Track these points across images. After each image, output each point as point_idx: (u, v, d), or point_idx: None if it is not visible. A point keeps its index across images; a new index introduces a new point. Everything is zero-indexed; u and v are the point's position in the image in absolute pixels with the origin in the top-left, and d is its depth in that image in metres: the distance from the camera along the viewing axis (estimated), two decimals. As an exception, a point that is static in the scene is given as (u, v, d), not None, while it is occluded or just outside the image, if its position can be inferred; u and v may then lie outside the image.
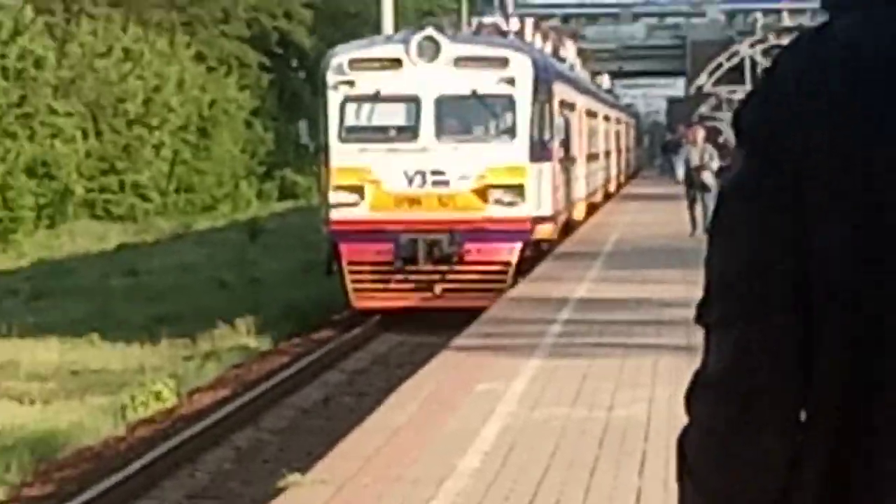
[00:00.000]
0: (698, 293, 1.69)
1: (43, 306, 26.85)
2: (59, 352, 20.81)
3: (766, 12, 75.19)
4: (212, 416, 15.83)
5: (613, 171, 46.17)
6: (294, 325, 22.32)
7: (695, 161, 27.93)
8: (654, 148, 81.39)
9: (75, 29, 50.75)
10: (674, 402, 9.96)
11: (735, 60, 66.38)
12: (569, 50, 38.23)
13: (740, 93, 50.11)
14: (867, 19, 1.70)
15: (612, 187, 45.14)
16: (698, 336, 1.70)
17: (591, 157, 34.53)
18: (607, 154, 42.56)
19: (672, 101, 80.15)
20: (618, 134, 49.84)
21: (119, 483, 12.94)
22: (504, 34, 29.56)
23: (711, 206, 11.34)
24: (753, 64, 62.60)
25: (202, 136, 54.46)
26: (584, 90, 35.43)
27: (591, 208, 34.75)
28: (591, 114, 35.44)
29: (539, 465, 9.29)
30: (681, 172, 32.17)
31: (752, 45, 66.20)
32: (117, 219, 48.77)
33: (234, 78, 58.73)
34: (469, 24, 34.57)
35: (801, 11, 69.58)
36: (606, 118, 40.46)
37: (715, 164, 27.58)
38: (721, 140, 34.31)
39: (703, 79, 67.37)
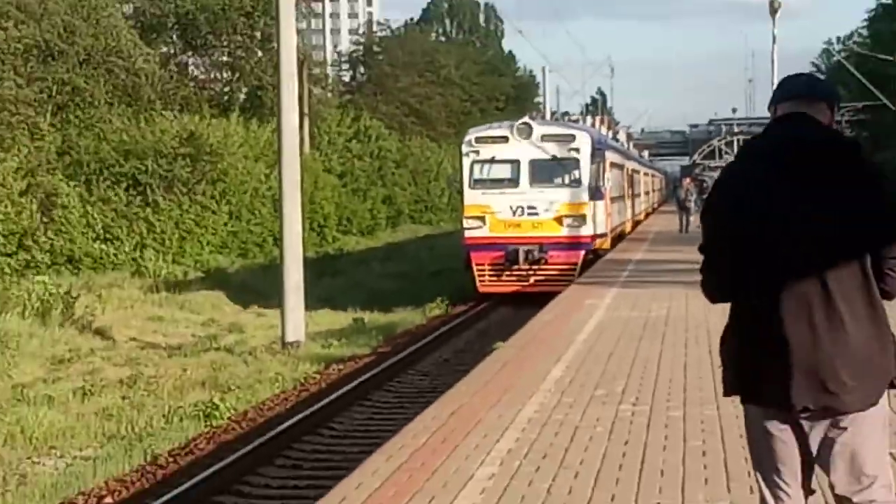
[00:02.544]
0: (692, 255, 5.82)
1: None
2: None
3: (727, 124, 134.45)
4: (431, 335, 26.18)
5: (651, 202, 70.72)
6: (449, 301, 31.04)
7: (681, 196, 48.45)
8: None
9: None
10: (681, 308, 19.10)
11: (711, 148, 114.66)
12: (622, 136, 58.75)
13: (714, 164, 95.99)
14: (742, 165, 5.31)
15: (650, 210, 69.59)
16: (694, 276, 5.27)
17: (636, 195, 50.01)
18: (647, 193, 64.84)
19: (682, 166, 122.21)
20: (652, 182, 74.61)
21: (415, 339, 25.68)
22: (575, 121, 49.23)
23: (689, 218, 43.47)
24: (720, 150, 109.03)
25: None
26: (630, 157, 51.61)
27: (637, 223, 50.72)
28: (636, 171, 52.16)
29: (616, 338, 16.38)
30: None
31: (719, 141, 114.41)
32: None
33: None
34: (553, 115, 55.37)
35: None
36: (645, 174, 60.64)
37: (693, 197, 47.05)
38: (704, 186, 54.01)
39: (696, 157, 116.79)
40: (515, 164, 27.68)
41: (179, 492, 12.75)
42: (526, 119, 29.56)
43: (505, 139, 28.00)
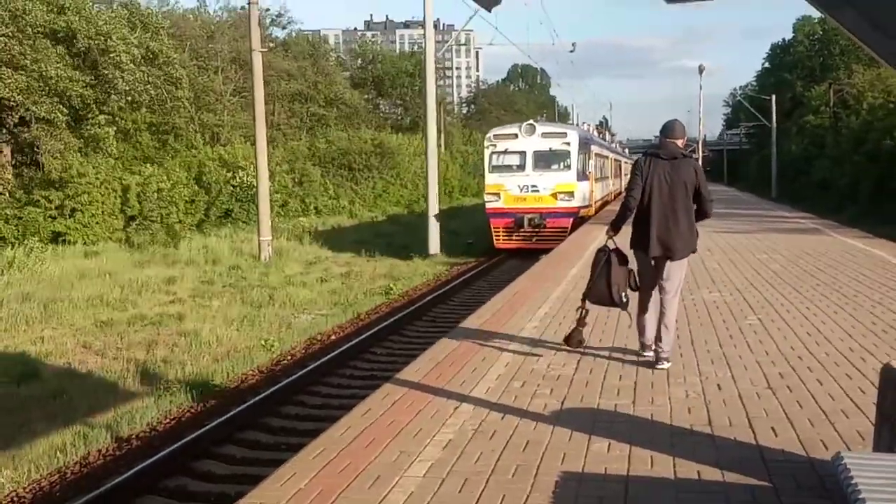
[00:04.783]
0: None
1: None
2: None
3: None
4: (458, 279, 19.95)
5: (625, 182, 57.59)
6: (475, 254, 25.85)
7: None
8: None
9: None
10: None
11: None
12: (607, 135, 48.13)
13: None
14: (647, 156, 6.78)
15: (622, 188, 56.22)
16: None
17: (616, 177, 41.52)
18: (626, 175, 51.27)
19: None
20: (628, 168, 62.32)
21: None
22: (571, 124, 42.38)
23: None
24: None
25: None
26: (614, 151, 42.42)
27: (619, 193, 40.34)
28: (617, 160, 43.28)
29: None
30: None
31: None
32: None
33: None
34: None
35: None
36: (626, 162, 48.20)
37: None
38: None
39: None
40: (523, 154, 23.53)
41: (371, 333, 13.43)
42: (531, 121, 25.06)
43: (515, 136, 23.81)
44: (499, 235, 23.47)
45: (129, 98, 30.64)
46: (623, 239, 6.83)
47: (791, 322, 8.54)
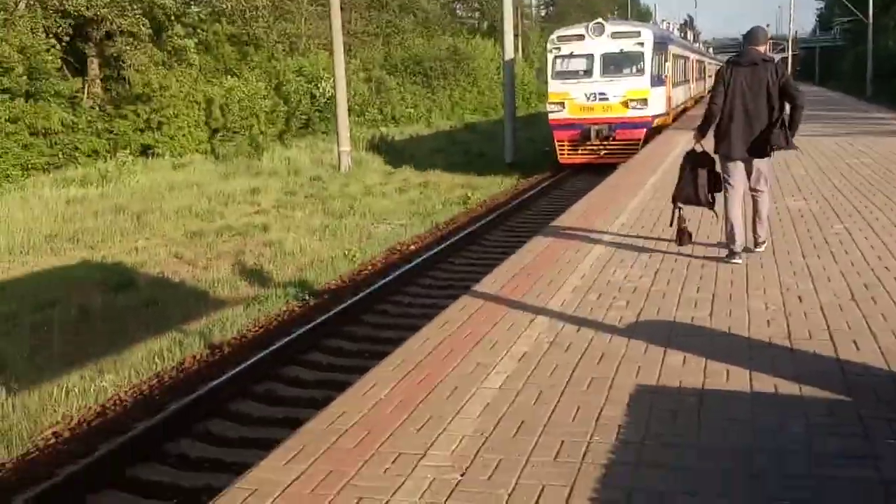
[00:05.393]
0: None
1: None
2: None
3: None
4: (535, 188, 19.38)
5: (712, 82, 51.68)
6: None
7: None
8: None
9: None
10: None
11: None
12: (689, 35, 42.82)
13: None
14: (728, 63, 7.06)
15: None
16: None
17: (699, 79, 37.69)
18: (710, 77, 44.96)
19: None
20: (715, 70, 55.40)
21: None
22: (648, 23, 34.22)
23: None
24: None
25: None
26: (695, 51, 37.38)
27: (701, 97, 37.19)
28: (700, 62, 38.90)
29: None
30: None
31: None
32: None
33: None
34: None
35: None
36: (709, 64, 44.14)
37: None
38: None
39: None
40: (590, 57, 20.84)
41: (449, 243, 13.58)
42: (599, 20, 21.95)
43: (581, 37, 21.02)
44: (563, 149, 21.31)
45: (210, 8, 30.78)
46: (709, 143, 7.17)
47: (880, 231, 8.25)
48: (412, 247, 13.80)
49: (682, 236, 7.56)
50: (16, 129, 22.33)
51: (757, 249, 7.41)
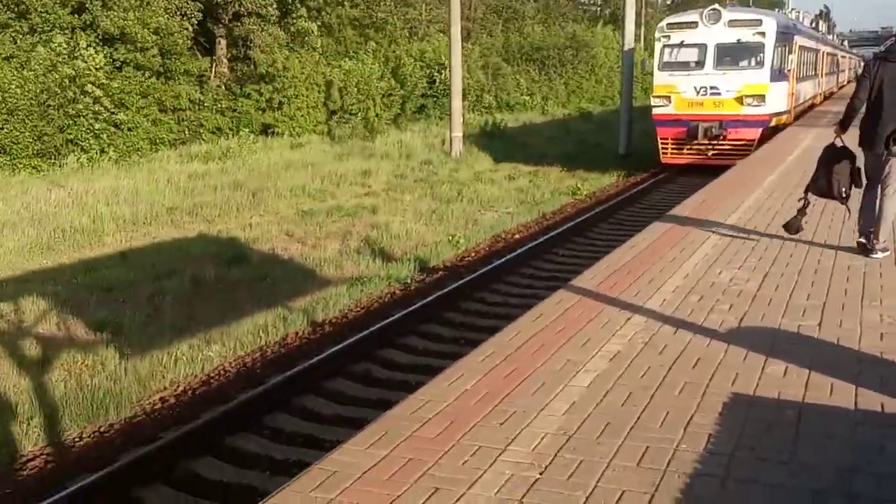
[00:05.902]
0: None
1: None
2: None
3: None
4: (647, 181, 19.11)
5: (849, 75, 48.37)
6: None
7: None
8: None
9: None
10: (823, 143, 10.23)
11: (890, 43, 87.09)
12: (822, 26, 37.35)
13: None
14: (876, 59, 7.07)
15: (850, 79, 46.75)
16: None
17: (830, 74, 34.49)
18: (843, 71, 44.90)
19: (874, 53, 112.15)
20: (849, 62, 52.21)
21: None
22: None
23: None
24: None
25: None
26: (827, 43, 33.49)
27: (832, 92, 35.30)
28: (832, 55, 35.29)
29: (813, 156, 9.37)
30: None
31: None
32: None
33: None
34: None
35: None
36: (842, 57, 42.36)
37: None
38: None
39: (881, 48, 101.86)
40: (703, 47, 18.86)
41: (555, 233, 13.45)
42: (716, 6, 19.56)
43: (694, 24, 19.03)
44: (666, 148, 19.45)
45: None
46: (848, 138, 7.27)
47: None
48: (517, 235, 13.73)
49: (794, 224, 7.56)
50: (146, 105, 23.40)
51: (872, 256, 7.19)
